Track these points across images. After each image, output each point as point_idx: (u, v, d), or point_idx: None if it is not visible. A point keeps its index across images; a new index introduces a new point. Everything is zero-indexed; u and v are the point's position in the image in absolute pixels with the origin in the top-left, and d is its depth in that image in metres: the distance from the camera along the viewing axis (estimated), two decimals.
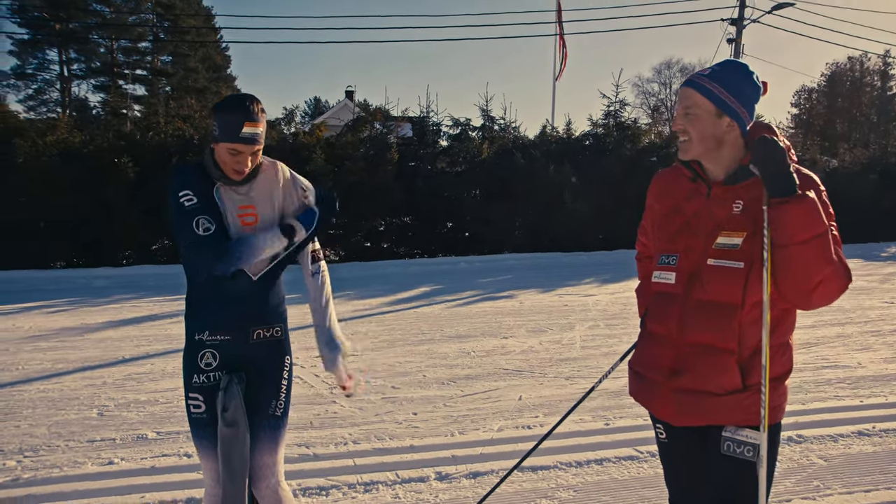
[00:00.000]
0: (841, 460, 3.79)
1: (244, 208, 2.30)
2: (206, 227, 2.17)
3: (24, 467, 3.61)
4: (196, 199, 2.20)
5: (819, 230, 1.76)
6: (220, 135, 2.20)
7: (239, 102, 2.21)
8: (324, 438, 4.11)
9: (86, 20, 33.27)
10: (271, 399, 2.36)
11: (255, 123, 2.20)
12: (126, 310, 8.15)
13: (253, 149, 2.23)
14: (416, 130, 14.57)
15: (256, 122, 2.20)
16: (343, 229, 13.58)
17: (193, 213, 2.17)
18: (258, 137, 2.22)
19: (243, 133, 2.18)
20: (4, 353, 6.09)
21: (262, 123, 2.24)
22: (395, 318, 7.87)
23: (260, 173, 2.36)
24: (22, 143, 11.43)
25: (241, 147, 2.20)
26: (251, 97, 2.25)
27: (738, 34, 18.38)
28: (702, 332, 1.91)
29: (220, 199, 2.26)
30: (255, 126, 2.20)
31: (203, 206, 2.20)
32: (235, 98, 2.24)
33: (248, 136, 2.19)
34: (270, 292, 2.35)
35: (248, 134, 2.19)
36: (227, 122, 2.18)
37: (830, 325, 7.30)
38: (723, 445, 1.92)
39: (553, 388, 5.11)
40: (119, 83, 33.50)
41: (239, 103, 2.21)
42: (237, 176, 2.26)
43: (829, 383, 5.23)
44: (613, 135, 15.18)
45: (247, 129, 2.18)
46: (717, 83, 1.91)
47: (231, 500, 2.23)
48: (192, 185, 2.24)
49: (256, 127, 2.20)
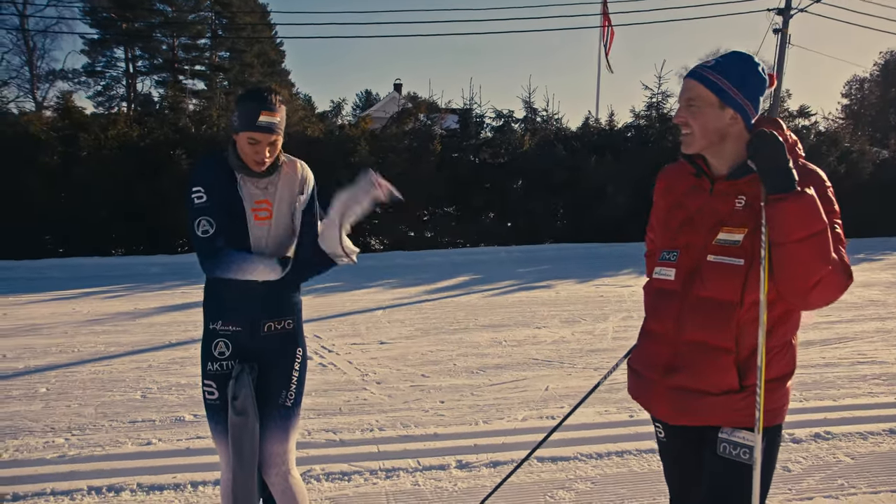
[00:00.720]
0: (869, 458, 3.71)
1: (260, 203, 2.37)
2: (204, 228, 2.26)
3: (71, 445, 3.87)
4: (206, 196, 2.29)
5: (816, 228, 1.70)
6: (239, 125, 2.26)
7: (256, 92, 2.27)
8: (351, 424, 4.24)
9: (150, 19, 34.48)
10: (282, 389, 2.42)
11: (271, 113, 2.25)
12: (177, 296, 8.52)
13: (270, 138, 2.27)
14: (459, 122, 14.65)
15: (273, 112, 2.25)
16: (387, 219, 13.78)
17: (199, 212, 2.28)
18: (275, 127, 2.27)
19: (259, 122, 2.23)
20: (63, 335, 6.47)
21: (279, 113, 2.28)
22: (433, 306, 7.98)
23: (280, 169, 2.42)
24: (86, 136, 12.01)
25: (258, 136, 2.25)
26: (268, 87, 2.30)
27: (785, 24, 17.75)
28: (699, 330, 1.87)
29: (241, 190, 2.34)
30: (271, 115, 2.25)
31: (211, 205, 2.29)
32: (254, 89, 2.30)
33: (265, 125, 2.24)
34: (281, 287, 2.41)
35: (265, 122, 2.24)
36: (245, 112, 2.24)
37: (871, 319, 7.07)
38: (718, 447, 1.89)
39: (580, 379, 5.13)
40: (179, 78, 34.62)
41: (256, 93, 2.27)
42: (258, 167, 2.32)
43: (864, 379, 5.09)
44: (656, 126, 14.93)
45: (263, 118, 2.23)
46: (721, 74, 1.86)
47: (241, 485, 2.33)
48: (209, 180, 2.32)
49: (273, 116, 2.25)
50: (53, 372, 5.29)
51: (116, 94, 36.13)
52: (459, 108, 14.78)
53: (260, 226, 2.37)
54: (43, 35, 30.76)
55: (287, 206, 2.42)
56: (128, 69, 36.05)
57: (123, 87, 36.16)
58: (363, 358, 5.74)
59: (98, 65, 35.33)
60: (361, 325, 6.98)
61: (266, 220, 2.38)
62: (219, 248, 2.26)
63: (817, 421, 4.20)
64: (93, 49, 34.64)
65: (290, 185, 2.44)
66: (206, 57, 37.74)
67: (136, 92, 35.68)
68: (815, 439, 3.94)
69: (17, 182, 11.56)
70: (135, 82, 36.23)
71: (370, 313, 7.58)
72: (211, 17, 36.79)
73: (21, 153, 11.57)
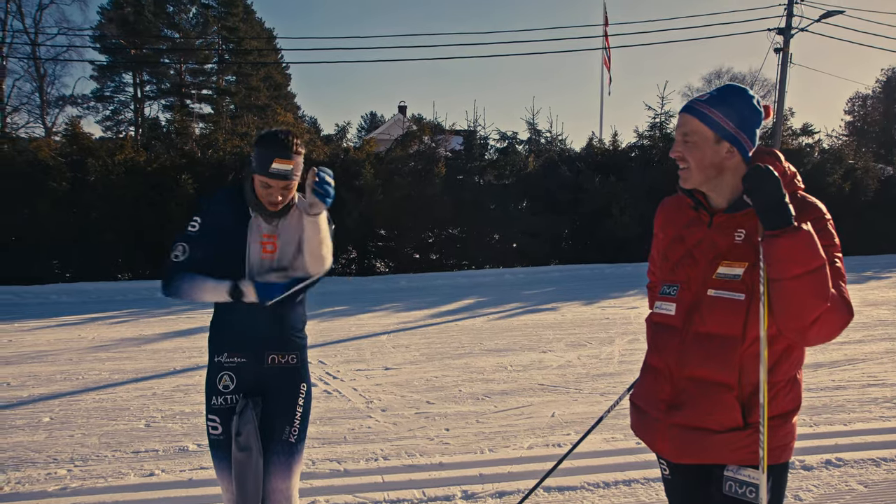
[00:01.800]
0: (883, 486, 3.64)
1: (267, 237, 2.40)
2: (175, 254, 2.34)
3: (73, 476, 3.84)
4: (199, 226, 2.36)
5: (813, 265, 1.67)
6: (255, 167, 2.30)
7: (272, 138, 2.28)
8: (355, 454, 4.21)
9: (158, 45, 35.02)
10: (286, 425, 2.41)
11: (285, 161, 2.26)
12: (181, 321, 8.52)
13: (282, 184, 2.30)
14: (463, 144, 14.73)
15: (287, 160, 2.26)
16: (393, 241, 13.81)
17: (181, 238, 2.35)
18: (289, 174, 2.28)
19: (272, 169, 2.26)
20: (68, 362, 6.47)
21: (295, 161, 2.28)
22: (438, 330, 7.95)
23: (292, 209, 2.44)
24: (93, 162, 12.12)
25: (270, 182, 2.28)
26: (286, 133, 2.30)
27: (786, 43, 17.84)
28: (700, 366, 1.84)
29: (249, 223, 2.38)
30: (285, 163, 2.26)
31: (199, 235, 2.36)
32: (272, 133, 2.30)
33: (276, 172, 2.26)
34: (284, 320, 2.42)
35: (276, 170, 2.26)
36: (261, 156, 2.27)
37: (880, 339, 6.99)
38: (724, 485, 1.86)
39: (587, 405, 5.08)
40: (186, 102, 35.05)
41: (272, 139, 2.28)
42: (271, 207, 2.35)
43: (875, 402, 5.02)
44: (659, 146, 14.95)
45: (276, 166, 2.25)
46: (716, 108, 1.85)
47: None
48: (214, 211, 2.39)
49: (287, 164, 2.26)
50: (57, 400, 5.28)
51: (124, 119, 36.64)
52: (464, 130, 14.88)
53: (264, 258, 2.40)
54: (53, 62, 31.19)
55: (294, 244, 2.43)
56: (136, 94, 36.56)
57: (131, 112, 36.67)
58: (368, 384, 5.71)
59: (107, 90, 35.88)
60: (366, 350, 6.95)
61: (270, 254, 2.41)
62: (175, 273, 2.32)
63: (828, 447, 4.13)
64: (102, 74, 35.20)
65: (300, 224, 2.43)
66: (213, 81, 38.20)
67: (143, 116, 36.12)
68: (826, 466, 3.88)
69: (25, 207, 11.67)
70: (143, 107, 36.72)
71: (375, 338, 7.56)
72: (218, 42, 37.27)
73: (30, 179, 11.68)
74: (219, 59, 37.26)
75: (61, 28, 30.93)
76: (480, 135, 14.79)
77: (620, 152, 15.11)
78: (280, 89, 42.40)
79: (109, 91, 36.05)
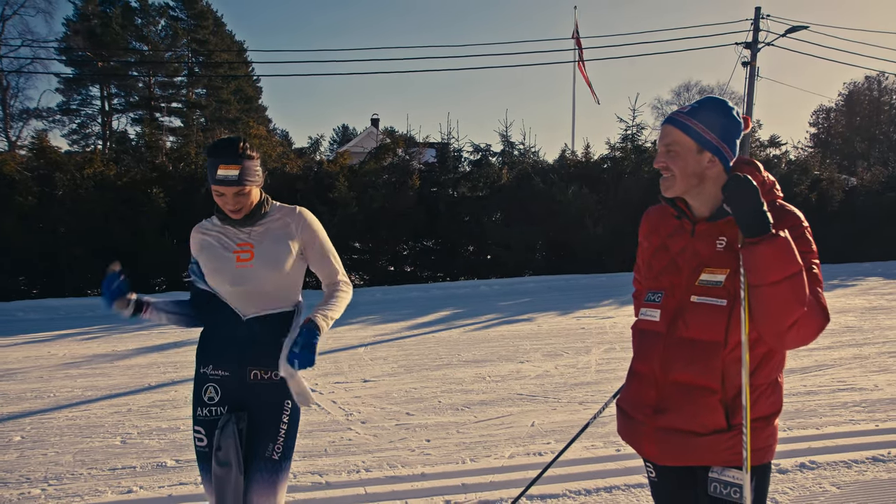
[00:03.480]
0: (854, 488, 3.74)
1: (242, 245, 2.39)
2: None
3: (48, 496, 3.76)
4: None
5: (791, 271, 1.73)
6: (208, 178, 2.32)
7: (216, 146, 2.29)
8: (337, 466, 4.19)
9: (126, 57, 34.61)
10: (268, 442, 2.36)
11: (228, 166, 2.24)
12: (154, 336, 8.38)
13: (233, 190, 2.28)
14: (437, 156, 14.80)
15: (232, 165, 2.24)
16: (367, 254, 13.79)
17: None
18: (234, 179, 2.25)
19: (218, 175, 2.25)
20: (39, 380, 6.32)
21: (242, 165, 2.26)
22: (415, 342, 7.95)
23: (267, 217, 2.43)
24: (62, 176, 11.90)
25: (220, 189, 2.28)
26: (230, 140, 2.30)
27: (753, 57, 18.36)
28: (684, 370, 1.90)
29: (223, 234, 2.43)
30: (228, 168, 2.24)
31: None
32: (217, 141, 2.32)
33: (222, 179, 2.25)
34: (266, 336, 2.39)
35: (222, 176, 2.25)
36: (209, 165, 2.28)
37: (848, 345, 7.19)
38: (709, 486, 1.91)
39: (566, 414, 5.13)
40: (156, 116, 34.64)
41: (215, 147, 2.29)
42: (233, 215, 2.36)
43: (845, 406, 5.16)
44: (631, 158, 15.18)
45: (221, 172, 2.24)
46: (697, 120, 1.91)
47: None
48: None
49: (231, 169, 2.24)
50: (28, 419, 5.16)
51: (92, 132, 36.10)
52: (437, 143, 14.95)
53: (241, 268, 2.38)
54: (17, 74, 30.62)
55: (272, 253, 2.39)
56: (103, 107, 36.05)
57: (99, 125, 36.12)
58: (347, 397, 5.69)
59: (73, 103, 35.32)
60: (344, 363, 6.92)
61: (247, 262, 2.38)
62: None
63: (802, 451, 4.23)
64: (68, 87, 34.65)
65: (278, 232, 2.43)
66: (183, 94, 37.85)
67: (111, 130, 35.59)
68: (800, 469, 3.97)
69: None
70: (110, 120, 36.20)
71: (352, 350, 7.53)
72: (187, 55, 36.97)
73: None
74: (188, 71, 36.96)
75: (25, 40, 30.44)
76: (454, 147, 14.87)
77: (593, 164, 15.29)
78: (251, 102, 42.20)
79: (76, 104, 35.52)
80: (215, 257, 2.40)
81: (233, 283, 2.36)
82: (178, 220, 12.22)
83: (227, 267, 2.37)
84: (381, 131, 23.17)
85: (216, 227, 2.46)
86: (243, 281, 2.37)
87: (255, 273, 2.37)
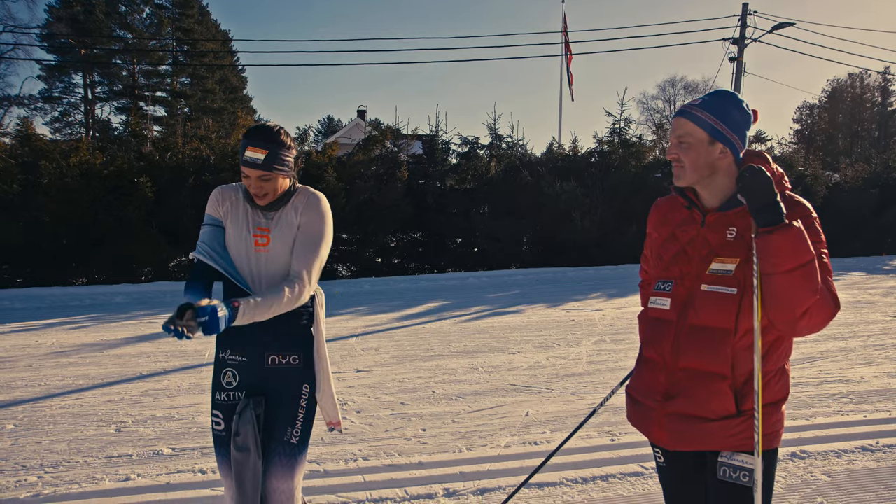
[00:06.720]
0: (844, 476, 3.82)
1: (261, 230, 2.40)
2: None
3: (45, 483, 3.74)
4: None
5: (804, 259, 1.77)
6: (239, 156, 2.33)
7: (252, 128, 2.34)
8: (334, 455, 4.20)
9: (109, 45, 34.13)
10: (286, 426, 2.39)
11: (256, 149, 2.27)
12: (143, 326, 8.32)
13: (257, 173, 2.29)
14: (425, 149, 14.78)
15: (259, 148, 2.27)
16: (355, 245, 13.76)
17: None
18: (258, 161, 2.27)
19: (245, 156, 2.28)
20: (28, 369, 6.26)
21: (268, 150, 2.27)
22: (406, 333, 7.97)
23: (287, 202, 2.43)
24: (47, 164, 11.73)
25: (246, 170, 2.30)
26: (266, 125, 2.33)
27: (740, 53, 18.54)
28: (695, 357, 1.94)
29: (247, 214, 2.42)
30: (255, 151, 2.27)
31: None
32: (255, 125, 2.36)
33: (248, 160, 2.27)
34: (284, 321, 2.39)
35: (248, 157, 2.27)
36: (241, 146, 2.31)
37: (833, 339, 7.32)
38: (719, 471, 1.95)
39: (559, 404, 5.18)
40: (140, 105, 34.23)
41: (251, 129, 2.33)
42: (258, 200, 2.36)
43: (833, 398, 5.26)
44: (619, 152, 15.27)
45: (248, 153, 2.27)
46: (709, 111, 1.96)
47: None
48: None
49: (258, 152, 2.27)
50: (20, 407, 5.12)
51: (75, 121, 35.58)
52: (425, 135, 14.93)
53: (257, 252, 2.40)
54: None
55: (286, 239, 2.40)
56: (86, 95, 35.56)
57: (82, 114, 35.61)
58: (340, 387, 5.69)
59: (56, 90, 34.79)
60: (336, 353, 6.92)
61: (263, 248, 2.39)
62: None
63: (793, 440, 4.31)
64: (50, 74, 34.11)
65: (291, 217, 2.43)
66: (168, 83, 37.43)
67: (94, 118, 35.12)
68: (792, 459, 4.05)
69: None
70: (94, 108, 35.71)
71: (343, 341, 7.53)
72: (172, 44, 36.53)
73: None
74: (173, 60, 36.52)
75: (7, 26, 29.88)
76: (442, 139, 14.86)
77: (580, 157, 15.36)
78: (236, 92, 41.84)
79: (58, 92, 35.01)
80: (237, 232, 2.41)
81: (248, 265, 2.40)
82: (164, 208, 12.13)
83: (244, 245, 2.40)
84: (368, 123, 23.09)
85: (241, 200, 2.45)
86: (259, 265, 2.39)
87: (270, 258, 2.40)
